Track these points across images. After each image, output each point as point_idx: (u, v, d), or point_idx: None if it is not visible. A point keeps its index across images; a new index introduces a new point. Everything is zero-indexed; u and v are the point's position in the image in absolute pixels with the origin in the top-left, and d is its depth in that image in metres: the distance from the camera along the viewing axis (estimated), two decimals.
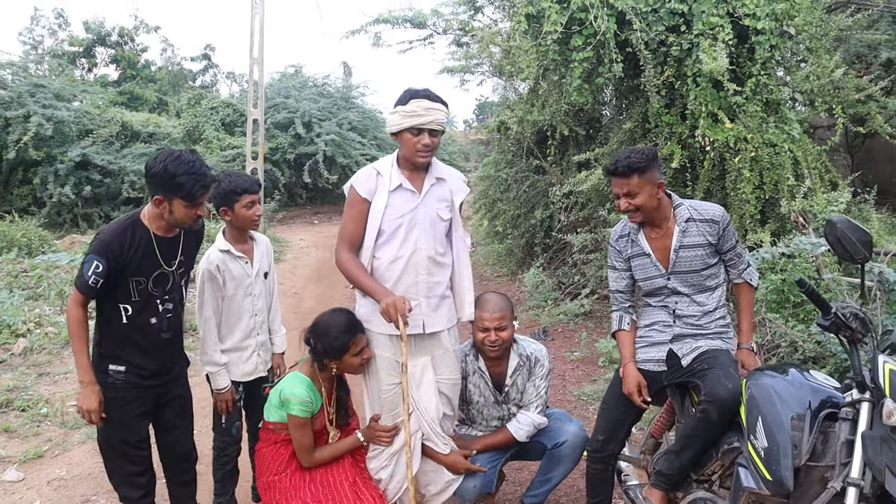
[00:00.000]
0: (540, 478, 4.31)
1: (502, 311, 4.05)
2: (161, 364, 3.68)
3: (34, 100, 17.76)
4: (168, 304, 3.65)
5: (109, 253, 3.41)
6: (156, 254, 3.55)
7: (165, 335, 3.66)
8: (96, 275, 3.39)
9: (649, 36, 6.91)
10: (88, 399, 3.45)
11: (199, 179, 3.44)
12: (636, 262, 3.72)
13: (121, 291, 3.50)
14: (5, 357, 7.52)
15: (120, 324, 3.54)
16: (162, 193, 3.44)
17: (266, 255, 4.39)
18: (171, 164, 3.39)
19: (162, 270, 3.58)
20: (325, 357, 3.88)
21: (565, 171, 10.17)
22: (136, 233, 3.52)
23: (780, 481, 2.75)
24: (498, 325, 4.02)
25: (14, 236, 12.82)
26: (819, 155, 7.36)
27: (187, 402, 3.94)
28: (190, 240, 3.76)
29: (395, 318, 3.53)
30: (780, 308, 6.26)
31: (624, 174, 3.49)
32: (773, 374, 3.08)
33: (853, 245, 2.84)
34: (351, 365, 3.90)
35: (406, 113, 3.66)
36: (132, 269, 3.48)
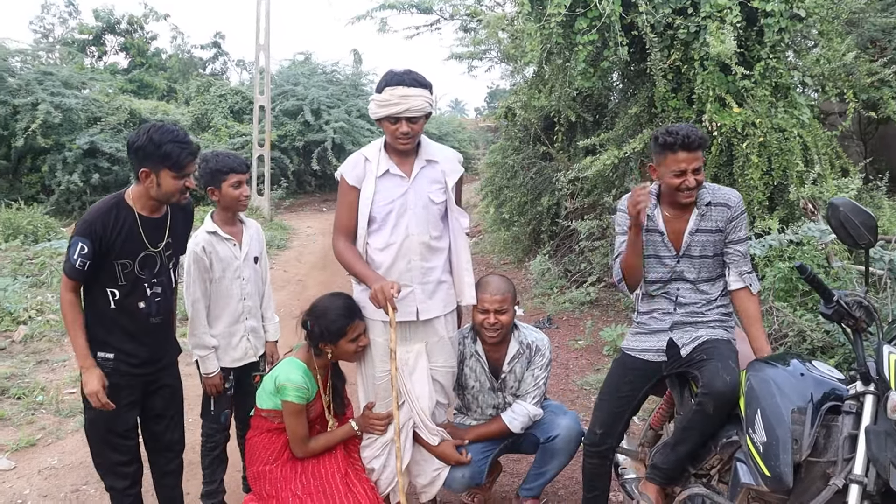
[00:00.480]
0: (535, 471, 4.20)
1: (503, 294, 3.94)
2: (151, 350, 3.58)
3: (42, 87, 17.72)
4: (156, 288, 3.55)
5: (93, 234, 3.32)
6: (141, 235, 3.45)
7: (154, 320, 3.56)
8: (82, 257, 3.31)
9: (655, 18, 6.78)
10: (91, 382, 3.36)
11: (186, 147, 3.37)
12: (647, 237, 3.52)
13: (107, 275, 3.41)
14: (5, 344, 7.47)
15: (108, 309, 3.44)
16: (148, 166, 3.35)
17: (256, 240, 4.30)
18: (155, 135, 3.32)
19: (148, 252, 3.49)
20: (321, 341, 3.79)
21: (572, 157, 10.04)
22: (121, 213, 3.42)
23: (779, 478, 2.63)
24: (499, 308, 3.92)
25: (20, 224, 12.80)
26: (829, 140, 7.21)
27: (177, 391, 3.84)
28: (178, 221, 3.66)
29: (382, 303, 3.45)
30: (788, 297, 6.13)
31: (697, 147, 3.28)
32: (773, 365, 2.96)
33: (857, 229, 2.70)
34: (346, 351, 3.81)
35: (381, 102, 3.57)
36: (117, 250, 3.39)
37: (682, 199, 3.38)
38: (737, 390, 3.08)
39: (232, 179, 4.02)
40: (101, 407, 3.40)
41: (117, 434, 3.56)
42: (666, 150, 3.32)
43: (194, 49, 35.24)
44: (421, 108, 3.56)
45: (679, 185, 3.33)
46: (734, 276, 3.44)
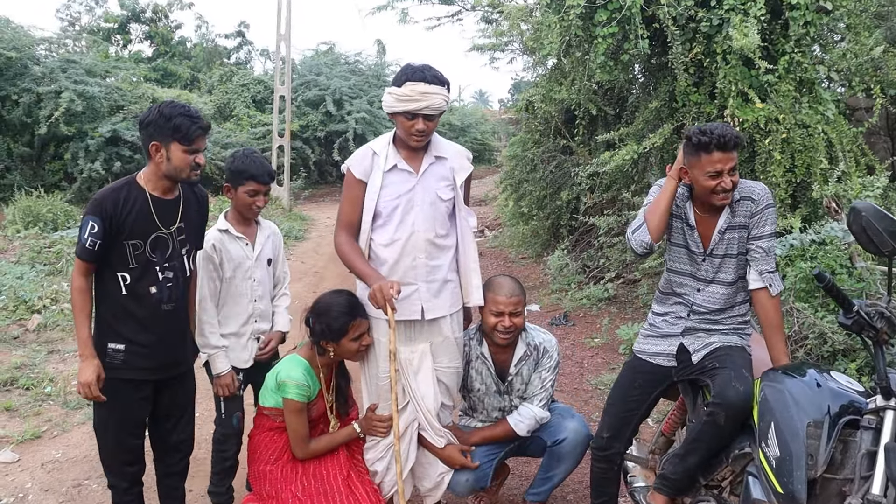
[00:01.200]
0: (541, 475, 4.11)
1: (518, 296, 3.86)
2: (164, 343, 3.49)
3: (66, 75, 17.80)
4: (168, 273, 3.47)
5: (103, 212, 3.28)
6: (152, 214, 3.40)
7: (166, 307, 3.48)
8: (93, 236, 3.26)
9: (677, 11, 6.62)
10: (85, 372, 3.30)
11: (195, 120, 3.35)
12: (677, 225, 3.41)
13: (118, 258, 3.36)
14: (18, 333, 7.46)
15: (119, 296, 3.38)
16: (158, 139, 3.32)
17: (271, 241, 4.22)
18: (165, 109, 3.32)
19: (159, 233, 3.43)
20: (323, 338, 3.73)
21: (593, 151, 9.92)
22: (132, 193, 3.39)
23: (792, 495, 2.50)
24: (514, 311, 3.83)
25: (39, 211, 12.85)
26: (855, 137, 7.03)
27: (190, 392, 3.79)
28: (190, 204, 3.59)
29: (381, 303, 3.36)
30: (810, 298, 5.99)
31: (733, 147, 3.14)
32: (789, 375, 2.83)
33: (879, 235, 2.56)
34: (349, 350, 3.74)
35: (400, 96, 3.47)
36: (127, 230, 3.33)
37: (716, 201, 3.23)
38: (749, 401, 2.96)
39: (249, 186, 3.97)
40: (91, 399, 3.36)
41: (126, 430, 3.52)
42: (700, 150, 3.17)
43: (218, 38, 35.29)
44: (439, 106, 3.49)
45: (715, 188, 3.18)
46: (754, 275, 3.28)
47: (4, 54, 16.91)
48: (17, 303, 8.20)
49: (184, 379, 3.72)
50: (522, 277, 10.50)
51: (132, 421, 3.53)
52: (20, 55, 17.37)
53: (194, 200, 3.64)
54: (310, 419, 3.84)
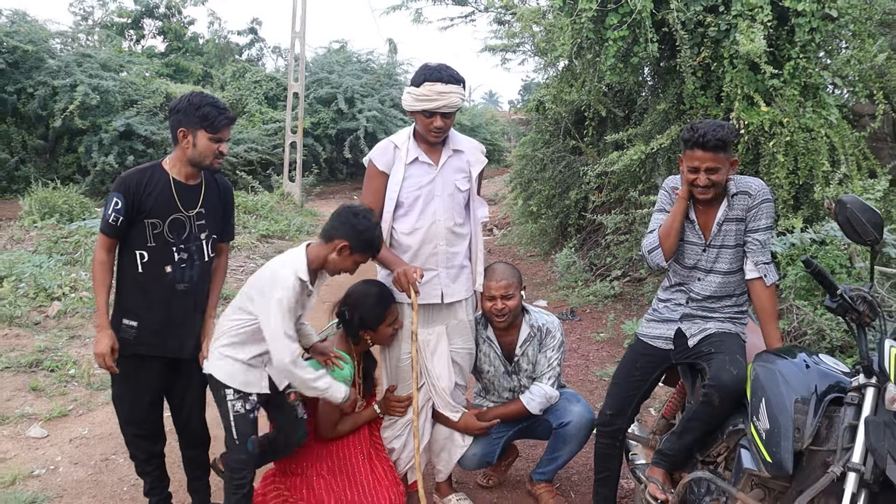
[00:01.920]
0: (547, 456, 4.32)
1: (508, 280, 4.06)
2: (173, 319, 3.62)
3: (81, 69, 18.02)
4: (184, 255, 3.63)
5: (127, 190, 3.48)
6: (173, 197, 3.58)
7: (180, 286, 3.63)
8: (116, 212, 3.46)
9: (686, 15, 6.80)
10: (101, 343, 3.48)
11: (222, 111, 3.55)
12: None
13: (137, 235, 3.54)
14: (39, 319, 7.66)
15: (136, 273, 3.56)
16: (186, 126, 3.52)
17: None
18: (195, 98, 3.54)
19: (178, 215, 3.60)
20: (361, 328, 3.91)
21: (602, 151, 10.08)
22: (155, 175, 3.59)
23: (780, 464, 2.71)
24: (504, 294, 4.04)
25: (56, 203, 13.03)
26: (857, 142, 7.20)
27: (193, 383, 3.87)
28: (212, 192, 3.76)
29: (405, 287, 3.59)
30: (809, 296, 6.17)
31: (713, 148, 3.29)
32: (780, 357, 3.03)
33: (863, 226, 2.77)
34: (385, 335, 3.95)
35: (419, 96, 3.68)
36: (148, 208, 3.52)
37: (696, 194, 3.43)
38: (743, 383, 3.15)
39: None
40: (106, 369, 3.54)
41: (139, 403, 3.69)
42: (685, 144, 3.39)
43: (231, 35, 35.46)
44: (456, 104, 3.69)
45: (691, 181, 3.39)
46: (750, 266, 3.46)
47: (21, 47, 17.13)
48: (37, 290, 8.39)
49: (187, 367, 3.81)
50: (530, 275, 10.69)
51: (145, 396, 3.70)
52: (36, 49, 17.59)
53: (216, 189, 3.81)
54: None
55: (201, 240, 3.71)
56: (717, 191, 3.42)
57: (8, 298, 7.87)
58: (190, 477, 4.06)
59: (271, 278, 3.54)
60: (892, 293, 5.89)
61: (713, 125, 3.34)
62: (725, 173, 3.39)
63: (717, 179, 3.37)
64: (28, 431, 5.12)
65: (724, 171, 3.37)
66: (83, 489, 4.41)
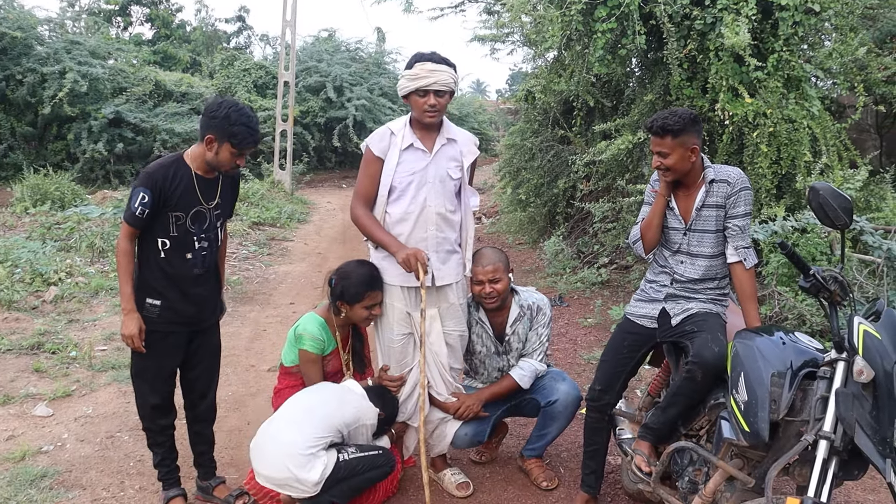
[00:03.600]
0: (536, 433, 4.52)
1: (494, 264, 4.23)
2: (191, 298, 3.87)
3: (70, 56, 18.05)
4: (203, 243, 3.85)
5: (154, 184, 3.64)
6: (196, 191, 3.77)
7: (198, 270, 3.85)
8: (143, 205, 3.62)
9: (673, 9, 6.99)
10: (129, 326, 3.69)
11: (252, 134, 3.68)
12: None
13: (160, 226, 3.73)
14: (37, 304, 7.77)
15: (157, 258, 3.76)
16: (215, 134, 3.66)
17: None
18: (233, 113, 3.64)
19: (200, 208, 3.80)
20: (340, 299, 4.10)
21: (590, 141, 10.24)
22: (179, 169, 3.76)
23: (757, 433, 2.89)
24: (491, 278, 4.21)
25: (48, 189, 13.13)
26: (839, 133, 7.40)
27: (215, 345, 4.17)
28: (227, 185, 3.95)
29: (415, 267, 3.78)
30: (791, 282, 6.37)
31: (658, 134, 3.55)
32: (758, 334, 3.21)
33: (834, 211, 2.96)
34: (359, 316, 4.13)
35: (411, 76, 3.86)
36: (173, 202, 3.70)
37: (663, 179, 3.68)
38: (723, 360, 3.34)
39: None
40: (134, 349, 3.75)
41: (160, 376, 3.90)
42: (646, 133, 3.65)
43: (218, 23, 35.51)
44: (447, 82, 3.86)
45: (655, 165, 3.64)
46: (731, 250, 3.65)
47: (9, 34, 17.15)
48: (33, 275, 8.50)
49: (210, 333, 4.11)
50: (519, 262, 10.86)
51: (166, 368, 3.92)
52: (25, 35, 17.61)
53: (230, 182, 4.02)
54: (326, 374, 4.22)
55: (217, 228, 3.94)
56: (675, 175, 3.63)
57: (5, 283, 7.98)
58: (196, 452, 4.26)
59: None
60: (869, 279, 6.09)
61: (665, 113, 3.59)
62: (680, 159, 3.58)
63: (669, 164, 3.59)
64: (34, 410, 5.26)
65: (675, 156, 3.57)
66: (91, 464, 4.56)
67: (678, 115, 3.55)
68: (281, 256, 11.59)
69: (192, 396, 4.16)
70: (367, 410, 3.98)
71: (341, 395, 3.99)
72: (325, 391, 4.02)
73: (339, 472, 3.78)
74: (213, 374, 4.20)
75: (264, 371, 6.23)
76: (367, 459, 3.89)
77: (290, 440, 3.75)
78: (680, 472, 3.53)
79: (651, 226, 3.78)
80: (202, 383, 4.14)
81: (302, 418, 3.83)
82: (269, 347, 6.91)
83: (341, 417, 3.87)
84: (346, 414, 3.90)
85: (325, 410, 3.86)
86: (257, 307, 8.47)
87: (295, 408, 3.94)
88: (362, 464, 3.86)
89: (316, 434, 3.77)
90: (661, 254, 3.85)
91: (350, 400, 3.97)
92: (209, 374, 4.17)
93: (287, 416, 3.89)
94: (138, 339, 3.71)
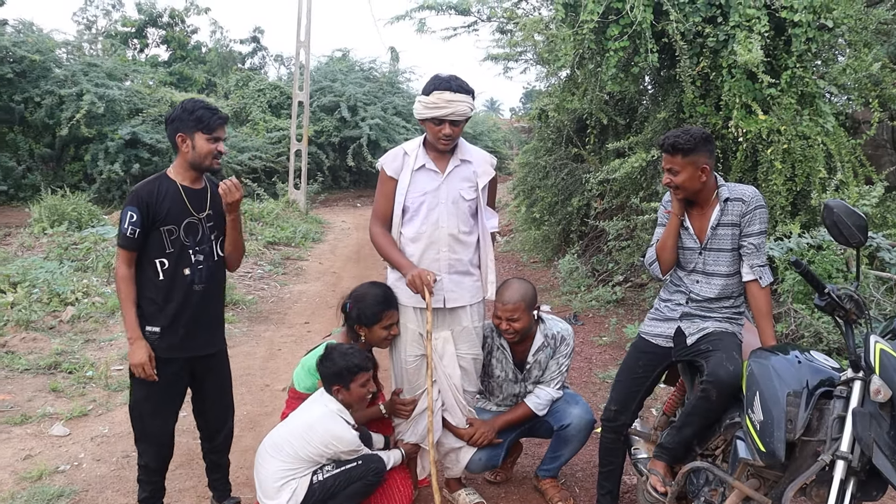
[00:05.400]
0: (550, 454, 4.50)
1: (514, 303, 4.14)
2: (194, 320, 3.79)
3: (87, 78, 18.20)
4: (199, 256, 3.81)
5: (139, 201, 3.64)
6: (184, 201, 3.76)
7: (197, 287, 3.80)
8: (132, 224, 3.62)
9: (685, 26, 6.99)
10: (138, 354, 3.65)
11: (215, 112, 3.73)
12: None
13: (155, 245, 3.70)
14: (54, 324, 7.83)
15: (157, 281, 3.72)
16: (183, 131, 3.69)
17: None
18: (187, 104, 3.72)
19: (191, 219, 3.77)
20: (358, 323, 4.07)
21: (603, 159, 10.25)
22: (164, 184, 3.76)
23: (774, 453, 2.88)
24: (510, 317, 4.15)
25: (65, 210, 13.21)
26: (854, 149, 7.38)
27: (225, 374, 4.10)
28: (216, 195, 3.88)
29: (420, 289, 3.76)
30: (807, 299, 6.33)
31: (669, 151, 3.57)
32: (774, 353, 3.20)
33: (849, 229, 2.96)
34: (378, 337, 4.08)
35: (428, 104, 3.84)
36: (163, 216, 3.68)
37: (675, 196, 3.70)
38: (738, 379, 3.33)
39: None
40: (145, 377, 3.68)
41: (163, 407, 3.84)
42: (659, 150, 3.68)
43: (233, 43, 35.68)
44: (464, 113, 3.85)
45: (665, 183, 3.66)
46: (746, 269, 3.65)
47: (28, 57, 17.33)
48: (50, 295, 8.57)
49: (219, 361, 4.04)
50: (533, 280, 10.83)
51: (168, 397, 3.85)
52: (43, 58, 17.78)
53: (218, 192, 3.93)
54: None
55: (212, 240, 3.90)
56: (685, 193, 3.63)
57: (23, 303, 8.04)
58: (211, 478, 4.24)
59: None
60: (886, 296, 6.06)
61: (678, 132, 3.60)
62: (689, 178, 3.59)
63: (678, 181, 3.60)
64: (50, 430, 5.29)
65: (685, 174, 3.58)
66: (107, 484, 4.58)
67: (690, 133, 3.56)
68: (296, 276, 11.62)
69: (209, 430, 4.13)
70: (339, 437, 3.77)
71: (310, 427, 3.80)
72: (296, 422, 3.88)
73: (313, 494, 3.74)
74: (227, 409, 4.16)
75: (279, 390, 6.24)
76: (344, 475, 3.79)
77: (262, 473, 3.80)
78: (696, 493, 3.51)
79: (666, 247, 3.77)
80: (217, 419, 4.10)
81: (274, 453, 3.80)
82: (283, 367, 6.91)
83: (306, 451, 3.76)
84: (312, 448, 3.77)
85: (292, 446, 3.77)
86: (272, 327, 8.49)
87: (271, 438, 3.90)
88: (339, 479, 3.79)
89: (282, 467, 3.75)
90: (676, 273, 3.84)
91: (318, 430, 3.78)
92: (224, 410, 4.13)
93: (264, 448, 3.88)
94: (149, 367, 3.66)
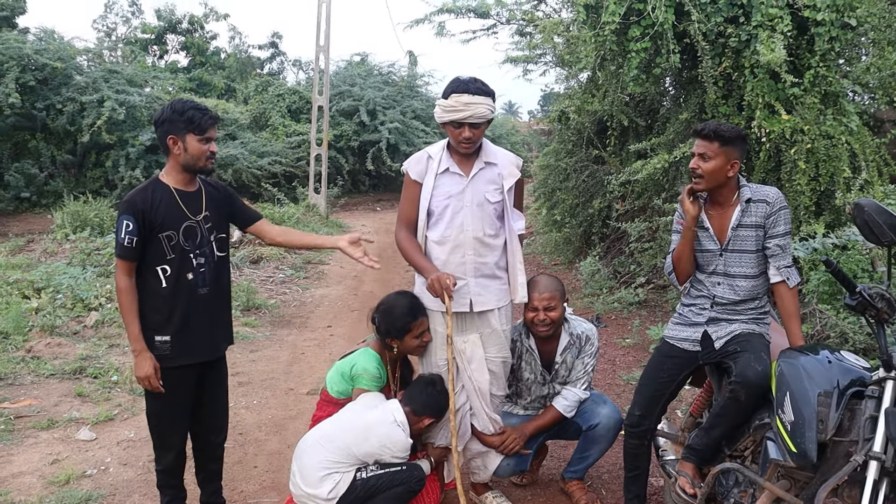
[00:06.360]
0: (578, 455, 4.49)
1: (551, 292, 4.19)
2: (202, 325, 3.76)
3: (108, 85, 18.29)
4: (200, 259, 3.74)
5: (134, 209, 3.56)
6: (179, 205, 3.69)
7: (202, 290, 3.75)
8: (129, 234, 3.53)
9: (707, 27, 6.95)
10: (143, 366, 3.59)
11: (204, 111, 3.67)
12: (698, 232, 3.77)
13: (156, 253, 3.62)
14: (79, 329, 7.89)
15: (161, 289, 3.65)
16: (174, 133, 3.62)
17: None
18: (176, 105, 3.65)
19: (189, 222, 3.71)
20: (388, 336, 4.08)
21: (624, 161, 10.22)
22: (157, 189, 3.69)
23: (804, 453, 2.86)
24: (546, 305, 4.16)
25: (87, 216, 13.31)
26: (878, 148, 7.32)
27: (223, 377, 4.06)
28: (212, 196, 3.87)
29: (439, 293, 3.74)
30: (832, 300, 6.28)
31: (707, 137, 3.54)
32: (804, 353, 3.18)
33: (880, 228, 2.93)
34: (411, 346, 4.10)
35: (447, 107, 3.82)
36: (159, 221, 3.61)
37: (694, 185, 3.66)
38: (767, 379, 3.30)
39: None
40: (152, 390, 3.65)
41: (178, 414, 3.82)
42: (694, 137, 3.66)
43: (252, 49, 35.90)
44: (483, 115, 3.81)
45: (692, 168, 3.62)
46: (773, 270, 3.62)
47: (50, 64, 17.43)
48: (74, 301, 8.64)
49: (218, 364, 4.01)
50: None
51: (182, 404, 3.82)
52: (65, 66, 17.89)
53: (214, 192, 3.93)
54: None
55: (212, 241, 3.83)
56: (707, 184, 3.60)
57: (47, 309, 8.11)
58: (205, 491, 4.19)
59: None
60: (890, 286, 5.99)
61: (718, 122, 3.60)
62: (718, 168, 3.56)
63: (707, 168, 3.56)
64: (77, 434, 5.33)
65: (716, 162, 3.55)
66: (133, 488, 4.61)
67: (732, 126, 3.58)
68: (317, 280, 11.65)
69: (208, 435, 4.06)
70: (396, 443, 3.84)
71: (368, 427, 3.85)
72: (354, 420, 3.92)
73: (354, 490, 3.76)
74: (226, 412, 4.13)
75: (303, 394, 6.26)
76: (387, 476, 3.82)
77: (306, 461, 3.81)
78: (725, 494, 3.48)
79: (682, 257, 3.75)
80: (219, 419, 4.07)
81: (322, 443, 3.83)
82: (307, 370, 6.93)
83: (359, 449, 3.80)
84: (367, 447, 3.81)
85: (344, 441, 3.80)
86: (295, 331, 8.51)
87: (320, 429, 3.94)
88: (383, 480, 3.81)
89: (330, 458, 3.77)
90: (696, 276, 3.81)
91: (378, 433, 3.83)
92: (224, 413, 4.10)
93: (312, 437, 3.91)
94: (155, 379, 3.62)
